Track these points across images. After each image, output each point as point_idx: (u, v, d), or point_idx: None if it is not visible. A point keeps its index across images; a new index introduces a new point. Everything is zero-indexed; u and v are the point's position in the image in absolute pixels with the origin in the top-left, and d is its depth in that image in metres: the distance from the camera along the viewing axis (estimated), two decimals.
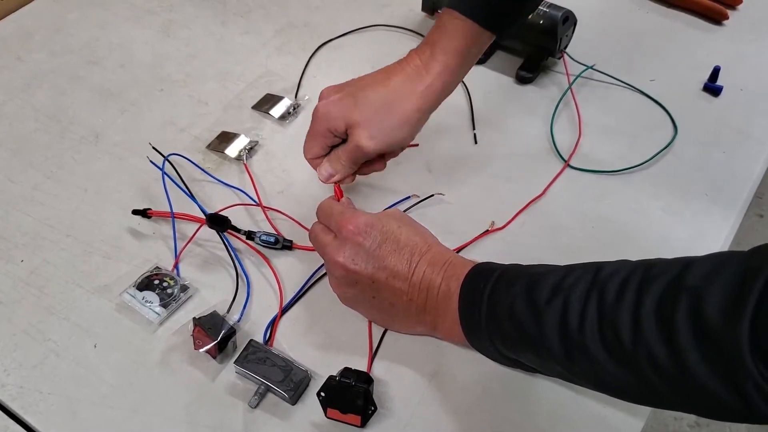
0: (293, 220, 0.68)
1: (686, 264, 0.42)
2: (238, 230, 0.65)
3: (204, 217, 0.65)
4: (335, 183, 0.63)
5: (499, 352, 0.53)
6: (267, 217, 0.68)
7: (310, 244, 0.61)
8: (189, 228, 0.67)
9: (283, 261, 0.65)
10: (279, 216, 0.69)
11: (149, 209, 0.68)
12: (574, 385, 0.55)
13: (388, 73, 0.61)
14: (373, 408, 0.54)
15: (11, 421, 0.55)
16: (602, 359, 0.44)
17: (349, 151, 0.61)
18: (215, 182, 0.72)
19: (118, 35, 0.90)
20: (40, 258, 0.66)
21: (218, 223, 0.65)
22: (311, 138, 0.63)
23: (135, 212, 0.68)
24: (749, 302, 0.37)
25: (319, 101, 0.62)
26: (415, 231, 0.58)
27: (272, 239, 0.65)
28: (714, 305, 0.39)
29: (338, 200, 0.61)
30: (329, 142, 0.62)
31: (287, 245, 0.66)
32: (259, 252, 0.66)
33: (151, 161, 0.70)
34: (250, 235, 0.65)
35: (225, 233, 0.66)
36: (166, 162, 0.71)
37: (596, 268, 0.47)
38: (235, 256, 0.65)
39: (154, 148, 0.72)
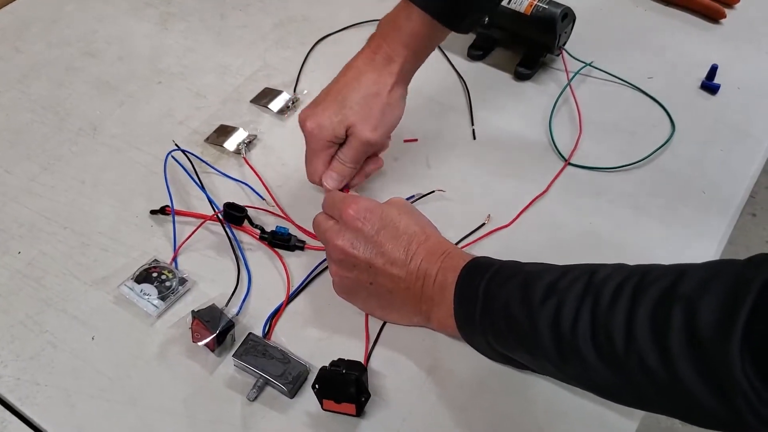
0: (290, 220, 0.68)
1: (681, 272, 0.42)
2: (253, 224, 0.65)
3: (203, 213, 0.66)
4: (346, 189, 0.64)
5: (492, 348, 0.53)
6: (284, 214, 0.68)
7: (318, 244, 0.62)
8: (188, 221, 0.67)
9: (284, 254, 0.65)
10: (278, 212, 0.69)
11: (167, 206, 0.67)
12: None
13: (357, 70, 0.63)
14: (366, 396, 0.54)
15: (8, 413, 0.55)
16: (593, 362, 0.44)
17: (354, 149, 0.63)
18: (217, 176, 0.72)
19: (116, 27, 0.89)
20: (38, 250, 0.65)
21: (236, 212, 0.65)
22: (314, 157, 0.64)
23: (153, 212, 0.67)
24: (741, 315, 0.37)
25: (303, 122, 0.63)
26: (415, 220, 0.58)
27: (285, 234, 0.65)
28: (707, 316, 0.39)
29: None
30: (332, 152, 0.64)
31: (299, 246, 0.65)
32: (267, 244, 0.65)
33: (170, 154, 0.71)
34: (263, 231, 0.65)
35: (228, 225, 0.65)
36: (171, 156, 0.71)
37: (592, 270, 0.47)
38: (239, 248, 0.65)
39: (177, 145, 0.72)
